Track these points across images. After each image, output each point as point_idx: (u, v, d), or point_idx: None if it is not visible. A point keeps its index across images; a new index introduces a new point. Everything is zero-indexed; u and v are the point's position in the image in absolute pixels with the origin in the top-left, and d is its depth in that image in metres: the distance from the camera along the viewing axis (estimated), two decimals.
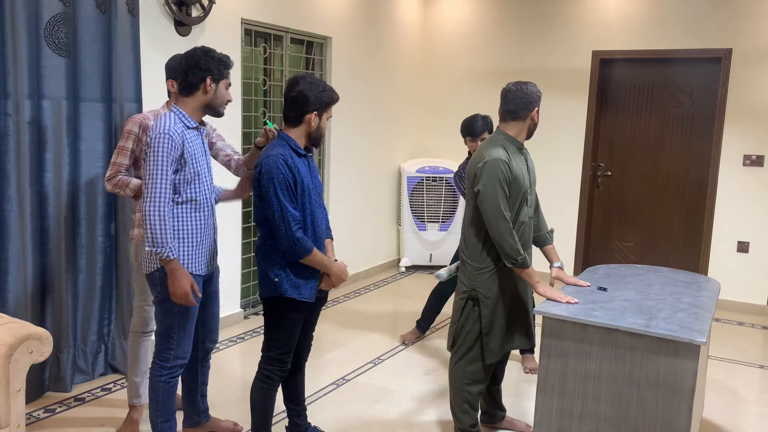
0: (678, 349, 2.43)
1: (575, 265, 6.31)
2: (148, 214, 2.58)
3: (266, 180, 2.64)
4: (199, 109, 2.72)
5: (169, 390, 2.81)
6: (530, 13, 6.33)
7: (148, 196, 2.59)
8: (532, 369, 4.12)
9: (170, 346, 2.78)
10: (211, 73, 2.66)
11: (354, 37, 5.84)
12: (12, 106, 3.23)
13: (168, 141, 2.59)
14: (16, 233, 3.30)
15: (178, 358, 2.81)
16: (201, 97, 2.69)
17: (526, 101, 2.92)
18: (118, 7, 3.61)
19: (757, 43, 5.43)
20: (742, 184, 5.59)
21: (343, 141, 5.82)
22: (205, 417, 3.22)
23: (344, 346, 4.55)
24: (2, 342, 2.49)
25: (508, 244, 2.81)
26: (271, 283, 2.76)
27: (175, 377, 2.83)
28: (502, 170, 2.83)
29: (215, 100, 2.71)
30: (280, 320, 2.81)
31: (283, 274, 2.75)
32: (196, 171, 2.71)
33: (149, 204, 2.58)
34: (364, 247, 6.32)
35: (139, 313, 3.21)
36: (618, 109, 6.15)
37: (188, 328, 2.81)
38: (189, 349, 2.85)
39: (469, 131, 4.08)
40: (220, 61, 2.69)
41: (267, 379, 2.86)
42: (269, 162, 2.65)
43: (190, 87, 2.68)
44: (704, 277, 3.38)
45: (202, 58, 2.66)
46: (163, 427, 2.84)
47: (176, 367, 2.82)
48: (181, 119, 2.67)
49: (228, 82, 2.76)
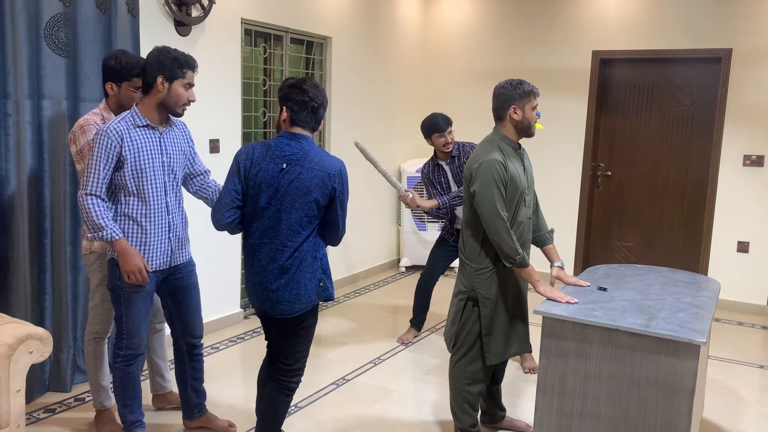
0: (678, 349, 2.43)
1: (575, 265, 6.31)
2: (80, 204, 2.72)
3: (343, 181, 2.66)
4: (153, 108, 2.78)
5: (124, 377, 2.92)
6: (530, 13, 6.33)
7: (80, 187, 2.73)
8: (532, 368, 4.12)
9: (121, 335, 2.89)
10: (162, 72, 2.70)
11: (354, 37, 5.84)
12: (12, 106, 3.23)
13: (104, 138, 2.71)
14: (16, 233, 3.30)
15: (129, 348, 2.89)
16: (154, 96, 2.76)
17: (501, 100, 2.94)
18: (118, 7, 3.61)
19: (757, 43, 5.43)
20: (742, 184, 5.59)
21: (344, 141, 5.81)
22: (198, 411, 3.25)
23: (344, 346, 4.55)
24: (2, 342, 2.49)
25: (506, 243, 2.81)
26: (313, 292, 2.66)
27: (130, 365, 2.91)
28: (497, 170, 2.83)
29: (168, 99, 2.76)
30: (312, 328, 2.76)
31: (324, 276, 2.70)
32: (140, 168, 2.77)
33: (80, 194, 2.71)
34: (364, 247, 6.32)
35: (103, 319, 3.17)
36: (618, 109, 6.15)
37: (135, 320, 2.87)
38: (141, 342, 2.93)
39: (435, 128, 4.26)
40: (174, 60, 2.72)
41: (292, 392, 2.82)
42: (339, 163, 2.67)
43: (145, 86, 2.76)
44: (704, 277, 3.38)
45: (155, 57, 2.72)
46: (123, 412, 2.97)
47: (129, 356, 2.90)
48: (131, 118, 2.76)
49: (186, 82, 2.77)
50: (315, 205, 2.59)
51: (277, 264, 2.60)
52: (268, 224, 2.60)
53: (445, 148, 4.29)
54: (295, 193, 2.56)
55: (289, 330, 2.70)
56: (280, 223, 2.58)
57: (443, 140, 4.27)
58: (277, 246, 2.59)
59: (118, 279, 2.82)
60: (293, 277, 2.60)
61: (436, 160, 4.41)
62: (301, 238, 2.59)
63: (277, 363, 2.78)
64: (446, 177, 4.37)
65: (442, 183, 4.37)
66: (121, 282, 2.82)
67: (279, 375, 2.78)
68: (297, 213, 2.57)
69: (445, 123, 4.27)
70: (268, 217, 2.60)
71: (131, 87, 2.98)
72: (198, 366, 3.20)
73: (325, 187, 2.59)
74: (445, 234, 4.47)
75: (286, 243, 2.58)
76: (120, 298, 2.85)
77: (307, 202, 2.57)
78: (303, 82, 2.62)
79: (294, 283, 2.60)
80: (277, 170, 2.58)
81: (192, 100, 2.83)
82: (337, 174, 2.63)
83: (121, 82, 2.98)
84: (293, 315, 2.64)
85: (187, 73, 2.76)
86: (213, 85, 4.44)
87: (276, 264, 2.60)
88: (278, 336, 2.74)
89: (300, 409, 3.57)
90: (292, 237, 2.58)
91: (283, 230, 2.58)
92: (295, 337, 2.72)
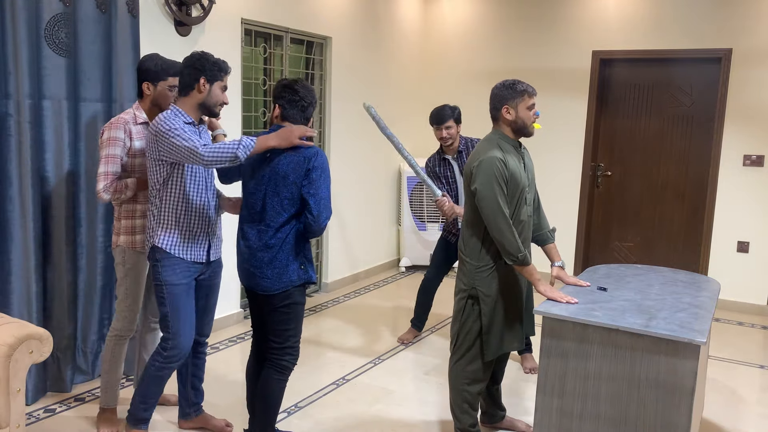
0: (678, 349, 2.43)
1: (575, 265, 6.31)
2: (207, 158, 2.73)
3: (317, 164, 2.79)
4: (194, 108, 2.89)
5: (155, 376, 2.94)
6: (530, 13, 6.33)
7: (193, 151, 2.72)
8: (532, 369, 4.12)
9: (167, 334, 2.92)
10: (205, 73, 2.84)
11: (354, 37, 5.84)
12: (13, 107, 3.23)
13: (178, 121, 2.80)
14: (17, 233, 3.30)
15: (175, 348, 2.92)
16: (195, 97, 2.86)
17: (495, 101, 2.97)
18: (118, 7, 3.61)
19: (757, 43, 5.43)
20: (742, 184, 5.59)
21: (344, 141, 5.82)
22: (195, 410, 3.28)
23: (344, 346, 4.55)
24: (2, 342, 2.49)
25: (508, 241, 2.81)
26: (294, 273, 2.83)
27: (168, 366, 2.93)
28: (498, 168, 2.83)
29: (209, 99, 2.88)
30: (298, 307, 2.90)
31: (306, 261, 2.88)
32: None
33: (199, 153, 2.70)
34: (364, 247, 6.32)
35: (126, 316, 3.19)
36: (618, 109, 6.15)
37: (181, 316, 2.91)
38: (189, 341, 2.95)
39: (432, 119, 4.28)
40: (215, 63, 2.88)
41: (285, 371, 2.92)
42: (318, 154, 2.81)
43: (185, 87, 2.87)
44: (704, 277, 3.38)
45: (198, 60, 2.85)
46: (138, 407, 2.98)
47: (172, 357, 2.93)
48: (178, 115, 2.84)
49: (223, 85, 2.92)
50: (294, 187, 2.78)
51: (262, 242, 2.82)
52: (256, 208, 2.84)
53: (443, 142, 4.29)
54: (276, 178, 2.79)
55: (275, 308, 2.87)
56: (266, 206, 2.81)
57: (439, 134, 4.28)
58: (263, 227, 2.82)
59: (160, 273, 2.88)
60: (276, 256, 2.81)
61: (443, 154, 4.40)
62: (283, 219, 2.80)
63: (268, 342, 2.94)
64: (452, 171, 4.35)
65: (449, 177, 4.36)
66: (163, 276, 2.87)
67: (271, 353, 2.92)
68: (278, 196, 2.79)
69: (445, 116, 4.23)
70: (255, 201, 2.84)
71: (167, 86, 3.13)
72: (200, 364, 3.24)
73: (300, 169, 2.77)
74: (447, 235, 4.46)
75: (270, 224, 2.81)
76: (163, 293, 2.89)
77: (286, 185, 2.78)
78: (295, 83, 2.84)
79: (277, 261, 2.81)
80: (263, 158, 2.83)
81: (226, 102, 2.96)
82: (311, 156, 2.78)
83: (157, 82, 3.13)
84: (275, 292, 2.83)
85: (224, 77, 2.92)
86: None
87: (261, 242, 2.82)
88: (267, 314, 2.91)
89: (300, 409, 3.58)
90: (276, 218, 2.80)
91: (268, 212, 2.81)
92: (281, 315, 2.88)
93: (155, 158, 2.84)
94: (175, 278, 2.89)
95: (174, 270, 2.89)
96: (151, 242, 2.90)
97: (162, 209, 2.88)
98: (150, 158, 2.86)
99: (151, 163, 2.87)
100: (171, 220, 2.89)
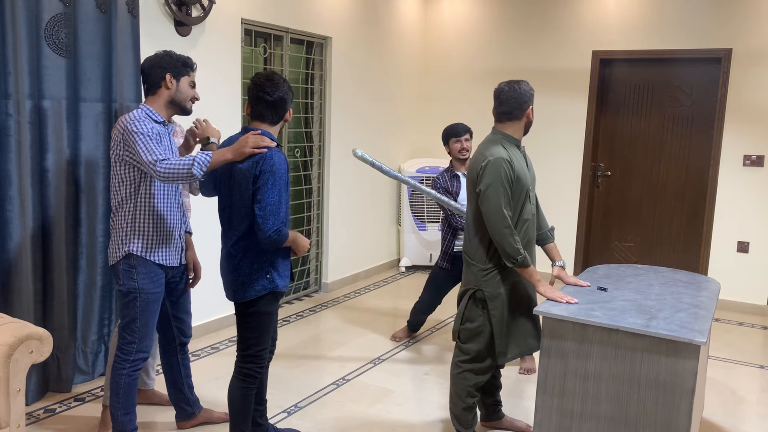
0: (678, 349, 2.43)
1: (575, 265, 6.31)
2: (161, 173, 2.64)
3: (266, 168, 2.64)
4: (164, 105, 2.87)
5: (130, 383, 2.89)
6: (530, 13, 6.33)
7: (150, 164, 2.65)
8: (528, 369, 4.12)
9: (133, 339, 2.86)
10: (170, 70, 2.83)
11: (354, 37, 5.84)
12: (13, 107, 3.23)
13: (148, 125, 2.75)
14: (17, 233, 3.30)
15: (140, 351, 2.88)
16: (164, 93, 2.85)
17: (520, 101, 2.93)
18: (118, 7, 3.61)
19: (757, 43, 5.43)
20: (742, 185, 5.59)
21: (343, 141, 5.82)
22: (197, 407, 3.30)
23: (344, 346, 4.55)
24: (2, 342, 2.49)
25: (508, 243, 2.81)
26: (259, 282, 2.74)
27: (136, 371, 2.90)
28: (504, 169, 2.83)
29: (178, 95, 2.87)
30: (263, 317, 2.81)
31: (272, 269, 2.76)
32: None
33: (155, 168, 2.63)
34: (364, 247, 6.32)
35: None
36: (618, 109, 6.15)
37: (150, 322, 2.88)
38: (151, 344, 2.93)
39: (452, 132, 4.32)
40: (178, 59, 2.87)
41: (248, 378, 2.86)
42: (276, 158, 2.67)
43: (152, 86, 2.85)
44: (704, 277, 3.39)
45: (162, 58, 2.86)
46: (123, 420, 2.92)
47: (138, 361, 2.89)
48: (149, 114, 2.81)
49: (191, 81, 2.91)
50: (247, 194, 2.66)
51: (226, 250, 2.79)
52: (226, 215, 2.78)
53: (461, 154, 4.32)
54: (235, 187, 2.70)
55: (240, 315, 2.84)
56: (232, 213, 2.73)
57: (459, 145, 4.31)
58: (230, 234, 2.76)
59: (135, 280, 2.81)
60: (239, 264, 2.74)
61: (454, 170, 4.39)
62: (243, 227, 2.70)
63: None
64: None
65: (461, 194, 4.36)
66: (140, 284, 2.81)
67: (236, 360, 2.91)
68: (240, 203, 2.69)
69: (464, 129, 4.34)
70: (225, 208, 2.78)
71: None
72: (188, 364, 3.27)
73: (249, 175, 2.65)
74: (442, 263, 4.41)
75: (234, 233, 2.73)
76: (136, 300, 2.82)
77: (241, 193, 2.67)
78: (260, 78, 2.70)
79: (240, 270, 2.74)
80: (229, 168, 2.73)
81: (197, 98, 2.95)
82: (260, 160, 2.63)
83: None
84: (241, 301, 2.78)
85: (191, 73, 2.91)
86: (213, 86, 4.44)
87: (225, 250, 2.79)
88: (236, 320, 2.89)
89: (300, 409, 3.58)
90: (239, 226, 2.71)
91: (234, 219, 2.73)
92: (245, 322, 2.84)
93: (124, 160, 2.75)
94: (152, 286, 2.84)
95: (151, 278, 2.83)
96: (124, 250, 2.79)
97: (136, 214, 2.79)
98: (117, 161, 2.78)
99: (119, 166, 2.78)
100: (147, 224, 2.81)
